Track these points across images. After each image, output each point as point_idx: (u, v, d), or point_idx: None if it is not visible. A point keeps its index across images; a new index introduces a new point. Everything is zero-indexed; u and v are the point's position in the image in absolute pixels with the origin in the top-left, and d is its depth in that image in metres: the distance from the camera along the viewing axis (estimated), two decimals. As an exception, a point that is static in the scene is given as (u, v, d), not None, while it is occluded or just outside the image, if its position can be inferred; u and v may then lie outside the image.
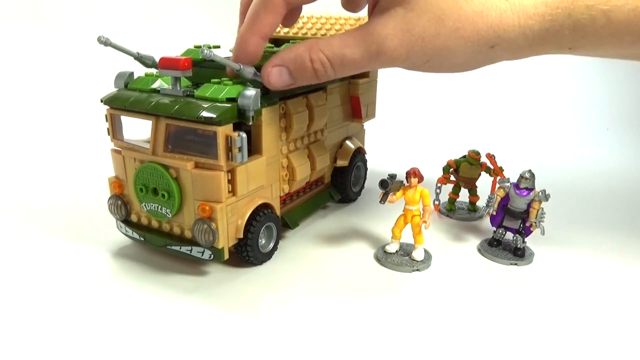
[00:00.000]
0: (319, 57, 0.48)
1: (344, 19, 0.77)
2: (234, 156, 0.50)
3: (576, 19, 0.42)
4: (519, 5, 0.43)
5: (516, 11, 0.43)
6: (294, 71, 0.50)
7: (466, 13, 0.44)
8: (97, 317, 0.48)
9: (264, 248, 0.58)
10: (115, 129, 0.57)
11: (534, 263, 0.59)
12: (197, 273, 0.56)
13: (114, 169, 0.58)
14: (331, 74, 0.50)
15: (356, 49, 0.47)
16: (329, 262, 0.59)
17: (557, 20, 0.42)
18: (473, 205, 0.73)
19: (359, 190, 0.79)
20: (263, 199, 0.57)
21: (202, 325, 0.47)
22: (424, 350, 0.44)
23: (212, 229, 0.51)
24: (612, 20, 0.41)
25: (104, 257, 0.59)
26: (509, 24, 0.43)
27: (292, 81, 0.51)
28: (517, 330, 0.47)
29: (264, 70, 0.51)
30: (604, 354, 0.44)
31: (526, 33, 0.43)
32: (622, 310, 0.50)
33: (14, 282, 0.54)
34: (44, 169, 0.90)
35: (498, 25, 0.44)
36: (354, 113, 0.74)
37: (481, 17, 0.44)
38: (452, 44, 0.45)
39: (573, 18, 0.42)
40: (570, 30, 0.42)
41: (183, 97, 0.52)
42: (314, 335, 0.46)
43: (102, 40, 0.55)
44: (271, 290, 0.53)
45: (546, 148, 1.04)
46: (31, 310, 0.49)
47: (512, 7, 0.43)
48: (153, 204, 0.54)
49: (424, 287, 0.54)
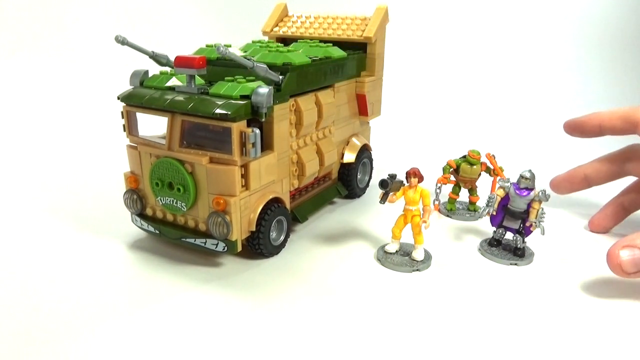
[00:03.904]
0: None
1: (350, 19, 0.78)
2: (248, 151, 0.52)
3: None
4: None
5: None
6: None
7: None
8: (116, 305, 0.50)
9: (275, 241, 0.60)
10: (131, 126, 0.59)
11: (534, 263, 0.60)
12: (211, 264, 0.58)
13: (130, 164, 0.60)
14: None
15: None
16: (331, 261, 0.60)
17: None
18: (473, 205, 0.74)
19: (365, 186, 0.80)
20: (274, 193, 0.59)
21: (218, 312, 0.49)
22: (424, 350, 0.45)
23: (226, 221, 0.53)
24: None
25: (121, 249, 0.61)
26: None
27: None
28: (517, 330, 0.48)
29: (610, 253, 0.51)
30: (604, 354, 0.45)
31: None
32: (622, 310, 0.51)
33: (37, 272, 0.56)
34: (61, 165, 0.92)
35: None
36: (360, 110, 0.76)
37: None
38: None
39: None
40: None
41: (198, 94, 0.54)
42: (315, 333, 0.47)
43: (120, 40, 0.57)
44: (282, 281, 0.55)
45: (546, 148, 1.05)
46: (54, 299, 0.51)
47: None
48: (168, 197, 0.56)
49: (424, 287, 0.55)
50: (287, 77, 0.57)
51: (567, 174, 0.74)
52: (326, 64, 0.65)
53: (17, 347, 0.44)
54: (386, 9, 0.77)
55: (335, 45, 0.71)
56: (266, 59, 0.60)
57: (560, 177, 0.75)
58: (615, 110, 0.67)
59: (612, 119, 0.67)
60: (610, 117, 0.67)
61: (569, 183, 0.74)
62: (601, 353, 0.45)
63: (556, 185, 0.75)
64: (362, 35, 0.75)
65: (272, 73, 0.55)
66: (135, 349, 0.44)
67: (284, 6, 0.83)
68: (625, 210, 0.69)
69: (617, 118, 0.66)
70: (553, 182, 0.76)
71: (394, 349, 0.45)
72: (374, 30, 0.74)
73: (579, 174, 0.73)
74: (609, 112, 0.68)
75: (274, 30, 0.81)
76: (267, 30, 0.81)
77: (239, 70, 0.57)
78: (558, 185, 0.75)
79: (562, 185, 0.74)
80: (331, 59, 0.66)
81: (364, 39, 0.75)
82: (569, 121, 0.73)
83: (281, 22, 0.82)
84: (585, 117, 0.70)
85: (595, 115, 0.69)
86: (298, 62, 0.59)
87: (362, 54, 0.75)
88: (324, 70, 0.65)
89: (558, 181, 0.75)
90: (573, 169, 0.74)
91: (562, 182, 0.74)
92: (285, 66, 0.58)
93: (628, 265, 0.51)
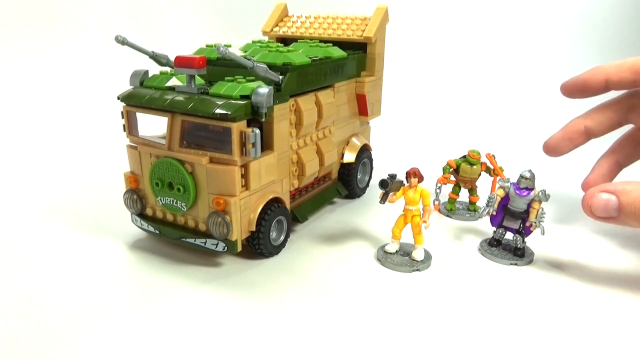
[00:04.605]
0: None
1: (350, 19, 0.78)
2: (248, 151, 0.52)
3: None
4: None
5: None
6: (625, 205, 0.48)
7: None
8: (116, 305, 0.50)
9: (275, 241, 0.60)
10: (131, 126, 0.59)
11: (534, 263, 0.60)
12: (210, 264, 0.58)
13: (130, 164, 0.60)
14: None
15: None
16: (331, 261, 0.60)
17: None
18: (473, 205, 0.74)
19: (365, 186, 0.80)
20: (274, 193, 0.59)
21: (217, 312, 0.49)
22: (424, 350, 0.45)
23: (226, 221, 0.53)
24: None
25: (121, 250, 0.61)
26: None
27: (616, 215, 0.49)
28: (517, 330, 0.48)
29: (588, 192, 0.49)
30: (604, 354, 0.45)
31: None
32: (622, 310, 0.51)
33: (37, 272, 0.56)
34: (61, 165, 0.92)
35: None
36: (360, 110, 0.76)
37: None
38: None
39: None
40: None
41: (198, 94, 0.54)
42: (315, 333, 0.47)
43: (120, 40, 0.57)
44: (282, 281, 0.55)
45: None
46: (54, 298, 0.51)
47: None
48: (168, 197, 0.56)
49: (424, 287, 0.55)
50: (287, 77, 0.57)
51: (565, 131, 0.67)
52: (326, 64, 0.65)
53: (17, 347, 0.44)
54: (386, 9, 0.77)
55: (335, 45, 0.71)
56: (266, 59, 0.60)
57: (556, 135, 0.67)
58: (622, 62, 0.61)
59: (620, 72, 0.61)
60: (618, 69, 0.61)
61: (569, 140, 0.66)
62: (601, 352, 0.45)
63: (554, 146, 0.67)
64: (362, 35, 0.75)
65: (272, 73, 0.55)
66: (135, 348, 0.44)
67: (284, 6, 0.83)
68: (620, 167, 0.65)
69: (626, 70, 0.60)
70: (549, 143, 0.68)
71: (394, 349, 0.45)
72: (374, 30, 0.74)
73: (578, 127, 0.66)
74: (616, 65, 0.61)
75: (274, 30, 0.81)
76: (267, 30, 0.81)
77: (239, 70, 0.57)
78: (557, 145, 0.67)
79: (562, 144, 0.67)
80: (331, 59, 0.66)
81: (364, 39, 0.75)
82: (568, 81, 0.66)
83: (281, 22, 0.82)
84: (587, 73, 0.64)
85: (599, 69, 0.63)
86: (298, 62, 0.59)
87: (362, 54, 0.75)
88: (324, 70, 0.65)
89: (556, 140, 0.67)
90: (569, 123, 0.67)
91: (560, 140, 0.67)
92: (285, 66, 0.58)
93: (598, 209, 0.50)
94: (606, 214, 0.50)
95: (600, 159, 0.66)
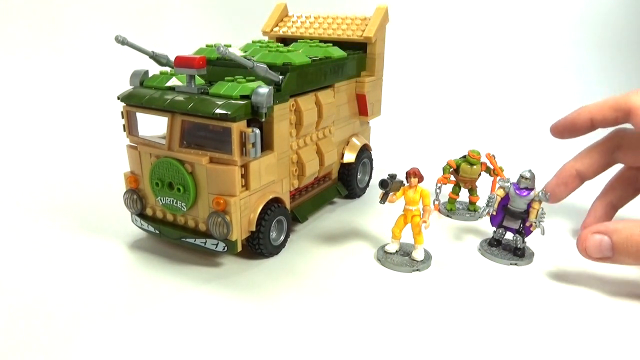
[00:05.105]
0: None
1: (350, 19, 0.78)
2: (248, 151, 0.52)
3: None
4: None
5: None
6: (618, 245, 0.49)
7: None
8: (116, 305, 0.50)
9: (275, 241, 0.60)
10: (131, 126, 0.59)
11: (534, 263, 0.60)
12: (211, 264, 0.58)
13: (130, 164, 0.60)
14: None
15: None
16: (331, 261, 0.60)
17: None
18: (473, 205, 0.74)
19: (365, 186, 0.81)
20: (274, 193, 0.59)
21: (217, 312, 0.49)
22: (424, 350, 0.45)
23: (226, 221, 0.53)
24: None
25: (121, 250, 0.61)
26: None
27: (610, 254, 0.50)
28: (517, 330, 0.48)
29: (582, 234, 0.51)
30: (604, 354, 0.45)
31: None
32: (622, 311, 0.51)
33: (37, 272, 0.56)
34: (61, 165, 0.92)
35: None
36: (360, 110, 0.76)
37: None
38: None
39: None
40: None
41: (198, 94, 0.54)
42: (315, 333, 0.47)
43: (120, 40, 0.58)
44: (282, 281, 0.55)
45: (546, 148, 1.05)
46: (54, 298, 0.51)
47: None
48: (168, 197, 0.56)
49: (424, 287, 0.55)
50: (287, 77, 0.57)
51: (558, 176, 0.68)
52: (326, 64, 0.65)
53: (17, 347, 0.44)
54: (386, 9, 0.77)
55: (335, 45, 0.71)
56: (266, 59, 0.60)
57: (551, 182, 0.69)
58: (604, 101, 0.63)
59: (603, 110, 0.62)
60: (600, 108, 0.63)
61: (564, 185, 0.68)
62: (601, 352, 0.45)
63: (553, 194, 0.68)
64: (362, 35, 0.75)
65: (272, 73, 0.55)
66: (135, 348, 0.44)
67: (284, 6, 0.83)
68: (614, 208, 0.67)
69: (607, 108, 0.62)
70: (549, 192, 0.68)
71: (394, 349, 0.45)
72: (374, 30, 0.74)
73: (570, 171, 0.67)
74: (598, 104, 0.63)
75: (274, 30, 0.81)
76: (267, 30, 0.81)
77: (239, 70, 0.57)
78: (553, 192, 0.68)
79: (558, 190, 0.68)
80: (331, 59, 0.66)
81: (364, 39, 0.75)
82: (556, 124, 0.68)
83: (281, 22, 0.82)
84: (572, 114, 0.66)
85: (583, 110, 0.65)
86: (298, 62, 0.59)
87: (362, 54, 0.75)
88: (324, 70, 0.65)
89: (552, 187, 0.68)
90: (561, 168, 0.69)
91: (556, 187, 0.68)
92: (285, 66, 0.58)
93: (593, 250, 0.51)
94: (601, 254, 0.51)
95: (595, 201, 0.67)
